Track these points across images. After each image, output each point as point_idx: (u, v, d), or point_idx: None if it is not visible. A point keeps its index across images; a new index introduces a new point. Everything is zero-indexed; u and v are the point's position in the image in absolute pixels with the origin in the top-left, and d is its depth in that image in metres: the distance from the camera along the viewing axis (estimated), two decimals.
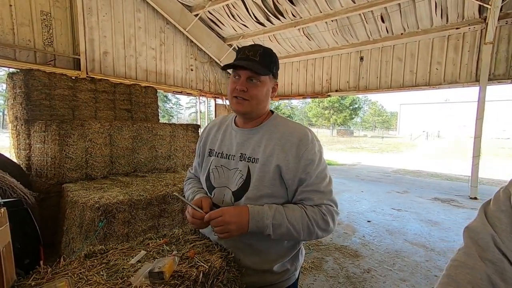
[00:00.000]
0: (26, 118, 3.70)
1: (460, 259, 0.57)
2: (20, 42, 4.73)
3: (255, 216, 0.88)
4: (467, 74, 6.10)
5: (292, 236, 0.91)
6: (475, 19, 5.77)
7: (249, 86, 0.95)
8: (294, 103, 47.70)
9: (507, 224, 0.55)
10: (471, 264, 0.55)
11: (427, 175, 9.59)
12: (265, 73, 0.96)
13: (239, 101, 0.96)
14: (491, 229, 0.56)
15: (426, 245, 3.53)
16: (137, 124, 3.84)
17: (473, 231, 0.59)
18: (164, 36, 7.21)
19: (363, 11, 6.17)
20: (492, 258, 0.53)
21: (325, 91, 8.23)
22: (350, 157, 15.35)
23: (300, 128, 1.00)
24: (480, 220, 0.59)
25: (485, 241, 0.56)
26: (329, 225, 0.94)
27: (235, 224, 0.87)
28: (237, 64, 0.94)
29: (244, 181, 0.98)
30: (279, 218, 0.89)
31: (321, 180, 0.96)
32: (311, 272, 2.82)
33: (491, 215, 0.58)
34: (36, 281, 0.77)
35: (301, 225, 0.90)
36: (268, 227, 0.88)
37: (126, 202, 2.50)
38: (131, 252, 0.94)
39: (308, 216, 0.92)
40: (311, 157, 0.95)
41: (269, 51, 1.00)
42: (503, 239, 0.54)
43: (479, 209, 0.62)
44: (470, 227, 0.60)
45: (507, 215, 0.55)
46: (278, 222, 0.88)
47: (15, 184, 2.37)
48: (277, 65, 1.02)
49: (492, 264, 0.53)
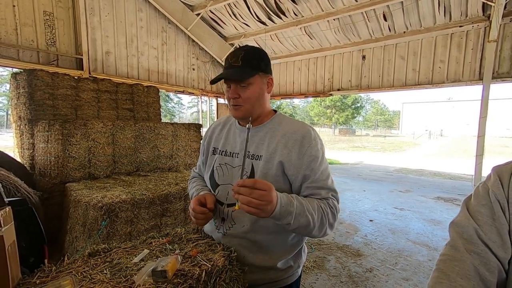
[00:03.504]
0: (29, 118, 3.72)
1: (448, 253, 0.61)
2: (24, 42, 4.75)
3: (282, 202, 0.84)
4: (471, 73, 6.05)
5: (308, 227, 0.89)
6: (478, 17, 5.72)
7: (240, 91, 0.97)
8: (296, 102, 47.70)
9: (488, 216, 0.60)
10: (458, 256, 0.59)
11: (430, 174, 9.54)
12: (250, 76, 0.96)
13: (235, 107, 1.00)
14: (474, 222, 0.60)
15: (428, 244, 3.51)
16: (139, 124, 3.86)
17: (458, 225, 0.63)
18: (166, 35, 7.22)
19: (365, 10, 6.13)
20: (477, 250, 0.58)
21: (327, 90, 8.20)
22: (352, 156, 15.30)
23: (303, 126, 1.02)
24: (463, 215, 0.64)
25: (469, 234, 0.60)
26: (336, 219, 0.96)
27: (270, 205, 0.79)
28: (220, 77, 0.98)
29: (248, 178, 0.98)
30: (300, 207, 0.87)
31: (326, 177, 0.98)
32: (313, 271, 2.82)
33: (472, 209, 0.63)
34: (41, 279, 0.77)
35: (316, 216, 0.90)
36: (292, 214, 0.85)
37: (128, 201, 2.52)
38: (134, 251, 0.95)
39: (322, 208, 0.93)
40: (314, 153, 0.96)
41: (253, 50, 1.00)
42: (485, 231, 0.58)
43: (461, 205, 0.67)
44: (455, 222, 0.64)
45: (487, 208, 0.60)
46: (299, 211, 0.87)
47: (19, 184, 2.39)
48: (266, 61, 1.02)
49: (477, 256, 0.57)
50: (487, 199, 0.61)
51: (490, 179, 0.63)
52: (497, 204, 0.59)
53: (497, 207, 0.59)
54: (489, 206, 0.60)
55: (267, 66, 1.02)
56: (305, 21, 6.93)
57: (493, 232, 0.58)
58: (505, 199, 0.59)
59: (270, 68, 1.04)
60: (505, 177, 0.61)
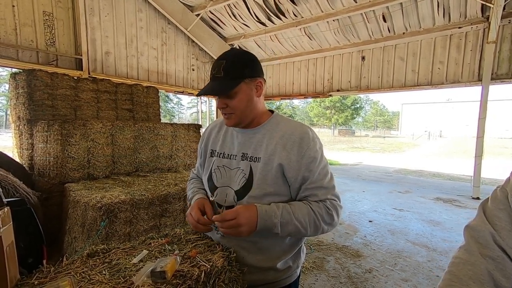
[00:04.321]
0: (28, 118, 3.72)
1: (462, 256, 0.59)
2: (23, 43, 4.75)
3: (264, 216, 0.89)
4: (470, 74, 6.06)
5: (300, 232, 0.92)
6: (477, 18, 5.74)
7: (227, 101, 0.96)
8: (295, 102, 47.70)
9: (507, 222, 0.57)
10: (472, 260, 0.57)
11: (429, 175, 9.56)
12: (231, 88, 0.93)
13: (226, 116, 1.00)
14: (490, 227, 0.58)
15: (428, 245, 3.52)
16: (138, 124, 3.85)
17: (474, 229, 0.61)
18: (166, 36, 7.22)
19: (364, 11, 6.15)
20: (493, 255, 0.56)
21: (326, 90, 8.21)
22: (352, 157, 15.31)
23: (301, 126, 1.01)
24: (479, 219, 0.61)
25: (485, 239, 0.58)
26: (334, 219, 0.97)
27: (247, 226, 0.87)
28: (203, 93, 0.98)
29: (246, 180, 0.98)
30: (287, 216, 0.90)
31: (323, 177, 0.98)
32: (312, 272, 2.82)
33: (490, 213, 0.60)
34: (39, 280, 0.77)
35: (307, 221, 0.92)
36: (276, 226, 0.89)
37: (128, 202, 2.51)
38: (133, 251, 0.95)
39: (314, 212, 0.93)
40: (313, 155, 0.96)
41: (236, 56, 0.96)
42: (503, 236, 0.56)
43: (478, 208, 0.64)
44: (470, 225, 0.62)
45: (505, 213, 0.58)
46: (285, 220, 0.89)
47: (18, 184, 2.38)
48: (251, 65, 0.97)
49: (492, 261, 0.55)
50: (505, 204, 0.59)
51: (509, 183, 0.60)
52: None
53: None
54: (508, 211, 0.58)
55: (253, 70, 0.97)
56: (305, 22, 6.95)
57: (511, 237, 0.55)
58: None
59: (258, 70, 0.99)
60: None
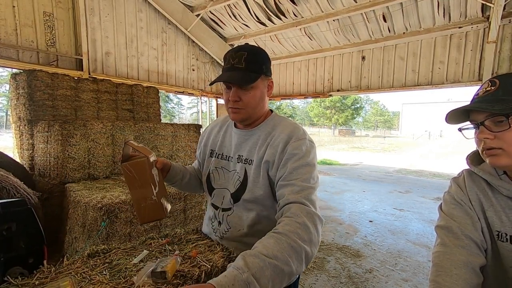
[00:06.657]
0: (29, 119, 3.72)
1: (440, 249, 0.73)
2: (23, 43, 4.75)
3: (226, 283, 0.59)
4: (470, 73, 6.06)
5: (283, 271, 0.66)
6: (478, 18, 5.73)
7: (242, 94, 0.93)
8: (295, 103, 47.65)
9: (462, 216, 0.75)
10: (448, 251, 0.71)
11: (429, 175, 9.55)
12: (254, 80, 0.92)
13: (235, 110, 0.95)
14: (453, 221, 0.75)
15: (428, 245, 3.51)
16: (139, 124, 3.85)
17: (442, 227, 0.76)
18: (166, 36, 7.22)
19: (365, 11, 6.14)
20: (463, 244, 0.71)
21: (326, 90, 8.21)
22: (352, 157, 15.30)
23: (293, 126, 0.98)
24: (443, 218, 0.78)
25: (454, 232, 0.73)
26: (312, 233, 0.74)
27: None
28: (224, 80, 0.92)
29: (241, 183, 0.98)
30: (254, 261, 0.64)
31: (298, 175, 0.85)
32: (313, 272, 2.82)
33: (448, 213, 0.77)
34: (40, 280, 0.77)
35: (283, 251, 0.68)
36: (251, 282, 0.61)
37: (128, 202, 2.51)
38: (133, 251, 0.95)
39: (281, 233, 0.71)
40: (294, 151, 0.89)
41: (256, 51, 0.96)
42: (465, 228, 0.73)
43: (438, 211, 0.81)
44: (440, 225, 0.78)
45: (458, 210, 0.76)
46: (256, 267, 0.63)
47: (19, 184, 2.38)
48: (267, 62, 0.97)
49: (464, 248, 0.70)
50: (454, 203, 0.77)
51: (452, 188, 0.81)
52: (463, 204, 0.76)
53: (464, 206, 0.76)
54: (459, 208, 0.76)
55: (268, 68, 0.98)
56: (305, 22, 6.95)
57: (469, 224, 0.73)
58: (468, 201, 0.76)
59: (270, 69, 1.00)
60: (462, 185, 0.79)
